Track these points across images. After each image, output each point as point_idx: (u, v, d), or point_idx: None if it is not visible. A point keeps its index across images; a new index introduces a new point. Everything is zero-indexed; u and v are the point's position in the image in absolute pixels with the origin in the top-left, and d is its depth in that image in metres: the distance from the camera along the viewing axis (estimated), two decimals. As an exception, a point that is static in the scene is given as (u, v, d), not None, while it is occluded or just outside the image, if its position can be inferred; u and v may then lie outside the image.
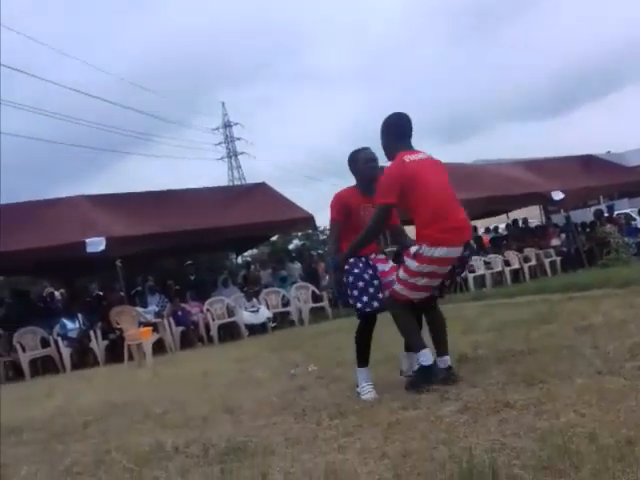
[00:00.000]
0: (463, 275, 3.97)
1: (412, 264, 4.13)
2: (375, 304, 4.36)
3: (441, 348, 4.33)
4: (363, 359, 4.46)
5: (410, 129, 4.44)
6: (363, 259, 4.45)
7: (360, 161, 4.68)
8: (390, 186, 4.21)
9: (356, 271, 4.39)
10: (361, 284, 4.36)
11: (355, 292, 4.32)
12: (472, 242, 4.33)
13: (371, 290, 4.36)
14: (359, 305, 4.34)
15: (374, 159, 4.74)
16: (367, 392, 4.29)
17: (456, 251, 4.12)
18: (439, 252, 4.06)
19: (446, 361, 4.28)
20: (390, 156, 4.42)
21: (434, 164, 4.37)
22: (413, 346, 4.24)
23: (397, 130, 4.42)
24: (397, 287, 4.22)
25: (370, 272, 4.42)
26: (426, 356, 4.10)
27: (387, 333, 6.47)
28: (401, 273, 4.21)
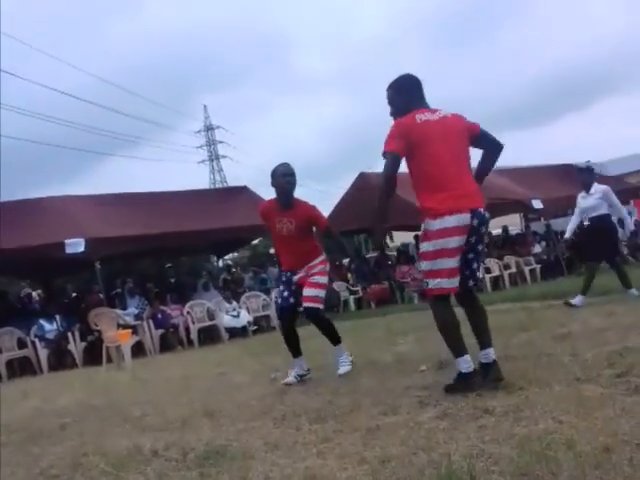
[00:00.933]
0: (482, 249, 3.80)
1: (425, 246, 3.89)
2: (279, 302, 5.39)
3: (481, 340, 4.02)
4: (292, 351, 5.38)
5: (422, 88, 4.09)
6: (286, 274, 5.30)
7: (278, 175, 5.13)
8: (395, 135, 3.88)
9: (278, 282, 5.47)
10: (281, 287, 5.38)
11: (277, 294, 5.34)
12: (485, 213, 3.94)
13: (281, 288, 5.34)
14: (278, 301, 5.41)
15: (291, 174, 5.14)
16: (286, 378, 5.28)
17: (462, 219, 3.80)
18: (444, 223, 3.78)
19: (488, 354, 3.95)
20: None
21: (450, 125, 3.96)
22: (451, 351, 3.98)
23: (408, 90, 4.06)
24: (426, 281, 3.93)
25: (286, 280, 5.28)
26: (466, 363, 3.89)
27: (367, 338, 6.46)
28: (421, 264, 3.98)
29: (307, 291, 5.17)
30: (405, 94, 4.06)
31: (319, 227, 5.31)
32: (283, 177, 5.09)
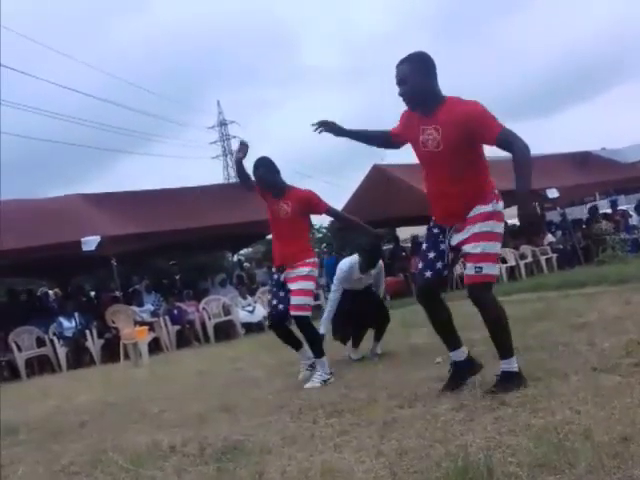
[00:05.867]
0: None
1: (497, 226, 3.71)
2: (273, 312, 5.27)
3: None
4: (293, 347, 5.43)
5: None
6: (277, 276, 5.20)
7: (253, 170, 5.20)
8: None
9: (269, 283, 5.37)
10: (271, 295, 5.33)
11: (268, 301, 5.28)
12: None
13: (274, 302, 5.22)
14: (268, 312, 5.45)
15: (256, 167, 5.15)
16: (300, 372, 5.35)
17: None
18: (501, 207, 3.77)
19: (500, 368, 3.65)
20: (427, 97, 3.63)
21: None
22: (507, 349, 3.63)
23: (436, 71, 3.68)
24: (481, 266, 3.60)
25: (275, 287, 5.22)
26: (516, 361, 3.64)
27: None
28: (487, 244, 3.63)
29: (294, 299, 5.02)
30: (434, 74, 3.67)
31: (318, 209, 5.16)
32: (255, 172, 5.17)
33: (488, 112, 3.55)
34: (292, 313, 5.05)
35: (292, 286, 5.03)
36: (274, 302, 5.22)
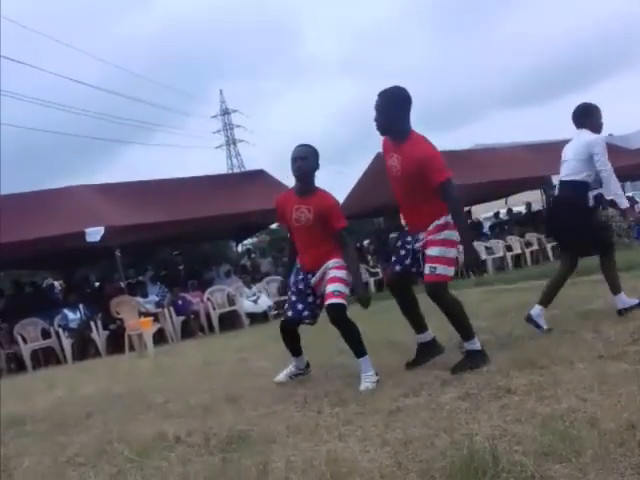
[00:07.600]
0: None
1: (450, 234, 4.16)
2: (289, 313, 4.66)
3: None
4: (292, 351, 4.82)
5: None
6: (303, 276, 4.67)
7: (291, 160, 4.59)
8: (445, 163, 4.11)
9: (292, 279, 4.76)
10: (293, 297, 4.69)
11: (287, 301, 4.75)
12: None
13: (293, 298, 4.68)
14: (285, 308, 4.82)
15: (302, 157, 4.55)
16: (281, 373, 4.88)
17: None
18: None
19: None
20: (397, 129, 4.20)
21: None
22: (468, 333, 4.22)
23: (410, 106, 4.22)
24: (435, 267, 4.14)
25: (300, 286, 4.66)
26: (479, 340, 4.24)
27: (388, 320, 6.43)
28: (438, 250, 4.13)
29: (329, 287, 4.44)
30: (406, 109, 4.21)
31: (332, 225, 4.49)
32: (292, 163, 4.56)
33: (439, 158, 4.07)
34: (327, 301, 4.42)
35: (328, 275, 4.52)
36: (299, 306, 4.62)
